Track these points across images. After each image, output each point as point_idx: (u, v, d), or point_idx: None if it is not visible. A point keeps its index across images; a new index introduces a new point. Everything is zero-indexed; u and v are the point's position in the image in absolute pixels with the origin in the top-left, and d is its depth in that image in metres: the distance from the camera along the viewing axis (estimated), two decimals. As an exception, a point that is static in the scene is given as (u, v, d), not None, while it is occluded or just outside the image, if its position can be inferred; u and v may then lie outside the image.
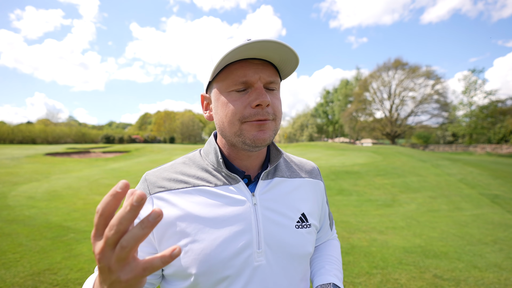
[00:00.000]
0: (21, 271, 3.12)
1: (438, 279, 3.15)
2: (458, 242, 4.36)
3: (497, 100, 39.38)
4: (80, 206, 6.26)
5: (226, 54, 0.60)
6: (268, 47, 0.62)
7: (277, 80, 0.70)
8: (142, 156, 20.12)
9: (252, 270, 0.66)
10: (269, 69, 0.68)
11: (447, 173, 11.09)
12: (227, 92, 0.68)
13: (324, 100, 71.65)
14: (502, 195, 7.84)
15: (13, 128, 44.49)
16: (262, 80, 0.67)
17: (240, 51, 0.61)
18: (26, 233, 4.35)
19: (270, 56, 0.66)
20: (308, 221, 0.76)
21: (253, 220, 0.69)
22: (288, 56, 0.66)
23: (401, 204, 7.31)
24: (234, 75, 0.66)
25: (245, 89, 0.67)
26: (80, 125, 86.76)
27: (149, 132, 74.57)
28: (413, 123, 49.73)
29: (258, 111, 0.66)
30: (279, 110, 0.70)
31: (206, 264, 0.64)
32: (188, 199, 0.69)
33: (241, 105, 0.66)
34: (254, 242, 0.67)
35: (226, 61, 0.64)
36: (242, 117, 0.66)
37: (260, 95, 0.65)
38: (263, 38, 0.60)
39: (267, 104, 0.65)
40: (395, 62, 48.40)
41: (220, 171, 0.73)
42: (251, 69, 0.66)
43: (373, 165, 12.78)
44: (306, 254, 0.74)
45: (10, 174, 10.90)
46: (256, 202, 0.71)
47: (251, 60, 0.66)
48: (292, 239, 0.71)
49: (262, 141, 0.67)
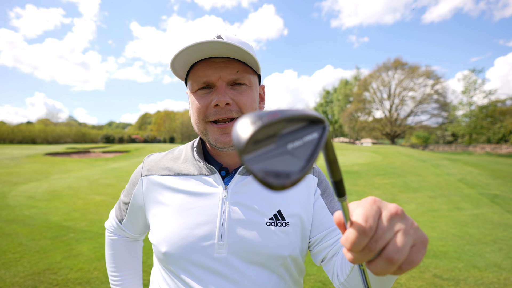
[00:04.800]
0: (21, 271, 3.12)
1: (437, 278, 3.15)
2: (458, 241, 4.37)
3: (497, 100, 39.44)
4: (80, 206, 6.26)
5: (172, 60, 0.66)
6: (218, 46, 0.63)
7: (245, 75, 0.70)
8: (142, 156, 20.11)
9: (212, 261, 0.67)
10: (232, 67, 0.68)
11: (447, 173, 11.10)
12: (194, 92, 0.71)
13: (324, 100, 71.71)
14: (502, 195, 7.85)
15: (13, 128, 44.45)
16: (224, 78, 0.68)
17: (192, 53, 0.64)
18: (26, 233, 4.35)
19: (229, 54, 0.67)
20: (285, 219, 0.70)
21: (219, 212, 0.70)
22: (241, 52, 0.66)
23: (400, 204, 7.32)
24: (197, 75, 0.69)
25: (210, 87, 0.69)
26: (80, 125, 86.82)
27: (149, 132, 74.59)
28: (412, 123, 49.80)
29: (217, 111, 0.68)
30: (246, 106, 0.69)
31: (172, 246, 0.69)
32: (167, 185, 0.76)
33: (204, 104, 0.69)
34: (216, 234, 0.68)
35: (186, 64, 0.68)
36: (205, 116, 0.70)
37: (219, 94, 0.67)
38: (200, 40, 0.61)
39: (225, 103, 0.66)
40: (395, 62, 48.44)
41: (199, 162, 0.77)
42: (211, 68, 0.68)
43: (372, 165, 12.79)
44: (278, 255, 0.68)
45: (10, 174, 10.90)
46: (226, 195, 0.71)
47: (214, 59, 0.68)
48: (259, 236, 0.68)
49: (224, 144, 0.69)
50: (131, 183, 0.86)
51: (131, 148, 25.66)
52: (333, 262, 0.70)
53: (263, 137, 0.25)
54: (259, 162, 0.25)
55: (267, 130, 0.25)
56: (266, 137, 0.25)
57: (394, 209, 0.35)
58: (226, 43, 0.62)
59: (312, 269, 3.29)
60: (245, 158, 0.24)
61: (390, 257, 0.32)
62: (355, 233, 0.32)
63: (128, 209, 0.86)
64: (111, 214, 0.97)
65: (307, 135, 0.28)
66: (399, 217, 0.35)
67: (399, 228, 0.34)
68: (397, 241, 0.33)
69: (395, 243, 0.33)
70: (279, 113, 0.25)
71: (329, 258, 0.72)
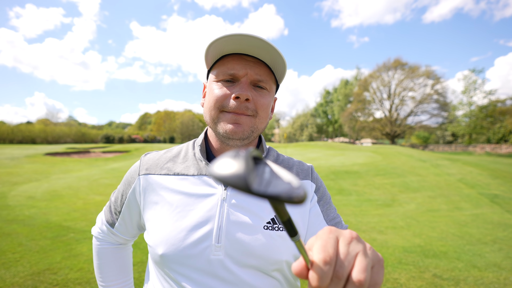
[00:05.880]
0: (21, 271, 3.12)
1: (437, 278, 3.16)
2: (458, 241, 4.37)
3: (497, 100, 39.43)
4: (80, 206, 6.26)
5: (209, 44, 0.67)
6: (254, 44, 0.65)
7: (268, 81, 0.72)
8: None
9: (207, 262, 0.67)
10: (260, 68, 0.71)
11: (447, 173, 11.10)
12: (216, 81, 0.72)
13: (324, 100, 71.73)
14: (502, 195, 7.85)
15: (12, 128, 44.44)
16: (250, 76, 0.70)
17: (227, 44, 0.66)
18: (26, 233, 4.35)
19: (261, 55, 0.69)
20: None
21: (217, 213, 0.69)
22: (274, 55, 0.68)
23: (400, 204, 7.32)
24: (225, 66, 0.70)
25: (233, 82, 0.71)
26: (80, 125, 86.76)
27: (149, 132, 74.55)
28: (412, 123, 49.79)
29: (236, 103, 0.68)
30: (262, 109, 0.71)
31: (169, 249, 0.68)
32: (166, 185, 0.75)
33: (223, 94, 0.70)
34: (214, 235, 0.68)
35: (218, 53, 0.70)
36: (221, 105, 0.70)
37: (242, 89, 0.68)
38: (241, 32, 0.64)
39: (246, 98, 0.67)
40: (395, 62, 48.45)
41: (201, 161, 0.77)
42: (240, 64, 0.69)
43: (372, 165, 12.79)
44: (274, 259, 0.68)
45: (10, 174, 10.90)
46: (225, 196, 0.71)
47: (244, 57, 0.70)
48: (256, 239, 0.68)
49: (233, 133, 0.69)
50: (126, 183, 0.83)
51: (131, 148, 25.66)
52: None
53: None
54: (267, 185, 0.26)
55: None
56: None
57: (349, 235, 0.37)
58: (263, 41, 0.64)
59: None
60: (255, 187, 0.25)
61: (358, 278, 0.33)
62: (319, 265, 0.32)
63: (121, 211, 0.83)
64: (99, 219, 0.92)
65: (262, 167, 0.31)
66: (356, 241, 0.36)
67: (357, 251, 0.35)
68: (359, 262, 0.34)
69: (358, 264, 0.34)
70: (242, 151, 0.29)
71: None
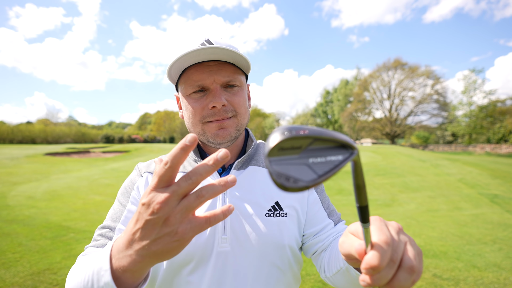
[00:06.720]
0: (21, 271, 3.12)
1: (437, 278, 3.16)
2: (458, 241, 4.37)
3: (497, 100, 39.44)
4: (79, 206, 6.26)
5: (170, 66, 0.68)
6: (211, 51, 0.66)
7: (236, 77, 0.74)
8: (141, 156, 20.12)
9: (216, 255, 0.68)
10: (225, 69, 0.72)
11: (447, 173, 11.10)
12: (188, 95, 0.74)
13: (324, 100, 71.69)
14: (501, 195, 7.85)
15: (12, 128, 44.46)
16: (218, 81, 0.71)
17: (186, 58, 0.67)
18: (25, 233, 4.35)
19: (221, 58, 0.70)
20: (283, 209, 0.74)
21: (220, 207, 0.70)
22: (232, 54, 0.69)
23: (400, 203, 7.32)
24: (191, 79, 0.71)
25: (204, 91, 0.72)
26: (80, 125, 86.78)
27: (149, 132, 74.59)
28: (412, 123, 49.86)
29: (215, 112, 0.71)
30: (240, 106, 0.74)
31: None
32: None
33: (200, 107, 0.72)
34: (219, 228, 0.69)
35: (180, 67, 0.70)
36: (202, 117, 0.72)
37: (215, 97, 0.70)
38: (197, 47, 0.65)
39: (222, 104, 0.70)
40: (395, 62, 48.50)
41: (195, 161, 0.79)
42: (205, 72, 0.70)
43: (372, 165, 12.79)
44: (278, 244, 0.71)
45: (10, 174, 10.90)
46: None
47: (207, 63, 0.71)
48: (260, 227, 0.70)
49: (223, 138, 0.72)
50: (124, 192, 0.78)
51: (131, 148, 25.66)
52: (321, 257, 0.75)
53: (288, 147, 0.30)
54: (278, 165, 0.30)
55: (293, 142, 0.30)
56: (292, 147, 0.30)
57: (397, 225, 0.40)
58: (220, 48, 0.65)
59: (312, 269, 3.30)
60: (269, 159, 0.30)
61: (411, 265, 0.35)
62: (381, 245, 0.34)
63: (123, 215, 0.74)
64: (93, 246, 0.71)
65: (332, 155, 0.32)
66: (402, 231, 0.39)
67: (406, 240, 0.38)
68: (410, 251, 0.36)
69: (409, 252, 0.36)
70: (307, 130, 0.30)
71: (318, 253, 0.77)
